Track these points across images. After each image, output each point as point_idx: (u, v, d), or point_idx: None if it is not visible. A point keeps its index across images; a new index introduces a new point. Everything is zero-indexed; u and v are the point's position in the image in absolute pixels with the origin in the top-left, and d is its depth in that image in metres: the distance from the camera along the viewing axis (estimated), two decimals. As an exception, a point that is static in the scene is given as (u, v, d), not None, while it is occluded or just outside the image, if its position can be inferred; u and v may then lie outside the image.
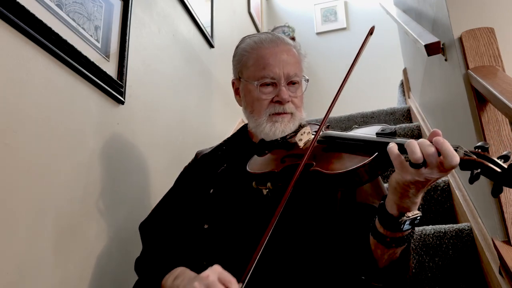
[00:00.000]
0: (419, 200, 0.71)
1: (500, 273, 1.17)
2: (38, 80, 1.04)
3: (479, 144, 0.63)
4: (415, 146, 0.63)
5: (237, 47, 1.10)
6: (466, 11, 1.38)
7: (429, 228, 1.48)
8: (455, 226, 1.47)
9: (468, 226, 1.45)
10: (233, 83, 1.12)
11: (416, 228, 1.50)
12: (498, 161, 0.60)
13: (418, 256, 1.43)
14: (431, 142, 0.63)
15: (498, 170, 0.58)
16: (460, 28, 1.36)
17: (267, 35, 1.05)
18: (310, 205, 0.93)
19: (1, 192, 0.90)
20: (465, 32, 1.34)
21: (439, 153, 0.62)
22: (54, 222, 1.05)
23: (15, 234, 0.93)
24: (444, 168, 0.62)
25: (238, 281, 0.69)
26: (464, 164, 0.61)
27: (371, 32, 0.91)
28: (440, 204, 1.71)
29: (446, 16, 1.45)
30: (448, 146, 0.61)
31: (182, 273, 0.86)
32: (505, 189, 1.16)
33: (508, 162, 0.59)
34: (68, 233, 1.09)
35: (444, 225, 1.49)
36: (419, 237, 1.46)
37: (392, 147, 0.67)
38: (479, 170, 0.59)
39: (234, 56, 1.10)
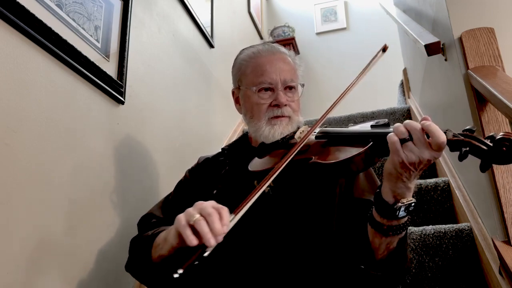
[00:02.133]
0: (413, 186, 0.74)
1: (500, 273, 1.17)
2: (38, 80, 1.04)
3: (467, 127, 0.68)
4: (399, 124, 0.71)
5: (236, 58, 1.16)
6: (466, 11, 1.38)
7: (429, 228, 1.48)
8: (455, 226, 1.47)
9: (468, 226, 1.45)
10: (233, 93, 1.17)
11: (416, 228, 1.52)
12: (485, 140, 0.64)
13: (418, 256, 1.43)
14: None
15: (485, 148, 0.63)
16: (460, 28, 1.36)
17: (264, 45, 1.13)
18: (310, 199, 0.95)
19: (1, 192, 0.90)
20: (465, 32, 1.34)
21: (427, 135, 0.67)
22: (54, 222, 1.05)
23: (15, 234, 0.93)
24: (432, 147, 0.67)
25: (231, 213, 0.71)
26: (454, 144, 0.66)
27: (383, 49, 0.95)
28: (440, 204, 1.71)
29: (446, 16, 1.45)
30: (434, 126, 0.67)
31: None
32: (505, 189, 1.16)
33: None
34: (68, 233, 1.09)
35: (444, 225, 1.49)
36: (419, 237, 1.46)
37: (391, 135, 0.71)
38: (467, 149, 0.64)
39: (233, 67, 1.16)
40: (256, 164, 0.94)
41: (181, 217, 0.71)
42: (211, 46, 2.48)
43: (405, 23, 2.10)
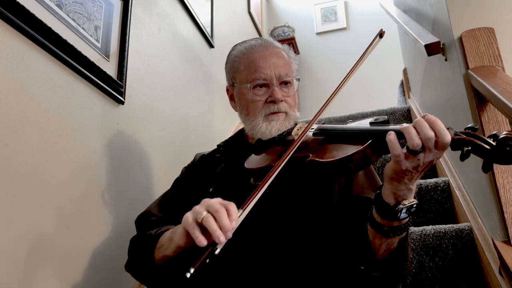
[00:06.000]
0: (414, 186, 0.72)
1: (500, 273, 1.17)
2: (38, 80, 1.04)
3: (469, 125, 0.66)
4: (413, 133, 0.64)
5: (228, 54, 1.14)
6: (466, 11, 1.38)
7: (429, 228, 1.48)
8: (455, 226, 1.47)
9: (468, 226, 1.45)
10: (227, 90, 1.16)
11: (416, 228, 1.52)
12: (488, 139, 0.62)
13: (418, 256, 1.43)
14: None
15: (487, 147, 0.61)
16: (460, 28, 1.36)
17: (256, 40, 1.11)
18: (308, 198, 0.94)
19: (1, 192, 0.90)
20: (465, 32, 1.34)
21: None
22: (54, 222, 1.05)
23: (15, 234, 0.93)
24: (437, 148, 0.64)
25: (238, 208, 0.68)
26: (455, 143, 0.64)
27: (380, 34, 0.92)
28: (440, 204, 1.71)
29: (446, 16, 1.45)
30: (441, 124, 0.64)
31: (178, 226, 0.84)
32: (505, 189, 1.16)
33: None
34: (67, 232, 1.09)
35: (444, 225, 1.49)
36: (419, 237, 1.46)
37: (392, 138, 0.67)
38: (469, 148, 0.62)
39: (226, 63, 1.14)
40: (252, 161, 0.93)
41: (188, 216, 0.69)
42: (211, 46, 2.48)
43: (405, 23, 2.10)
